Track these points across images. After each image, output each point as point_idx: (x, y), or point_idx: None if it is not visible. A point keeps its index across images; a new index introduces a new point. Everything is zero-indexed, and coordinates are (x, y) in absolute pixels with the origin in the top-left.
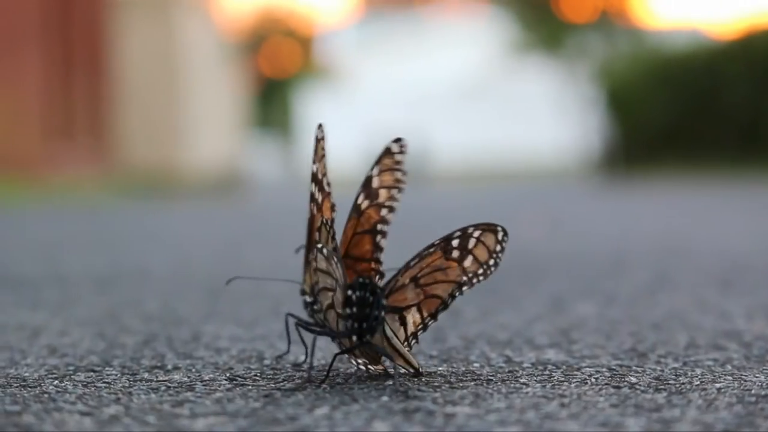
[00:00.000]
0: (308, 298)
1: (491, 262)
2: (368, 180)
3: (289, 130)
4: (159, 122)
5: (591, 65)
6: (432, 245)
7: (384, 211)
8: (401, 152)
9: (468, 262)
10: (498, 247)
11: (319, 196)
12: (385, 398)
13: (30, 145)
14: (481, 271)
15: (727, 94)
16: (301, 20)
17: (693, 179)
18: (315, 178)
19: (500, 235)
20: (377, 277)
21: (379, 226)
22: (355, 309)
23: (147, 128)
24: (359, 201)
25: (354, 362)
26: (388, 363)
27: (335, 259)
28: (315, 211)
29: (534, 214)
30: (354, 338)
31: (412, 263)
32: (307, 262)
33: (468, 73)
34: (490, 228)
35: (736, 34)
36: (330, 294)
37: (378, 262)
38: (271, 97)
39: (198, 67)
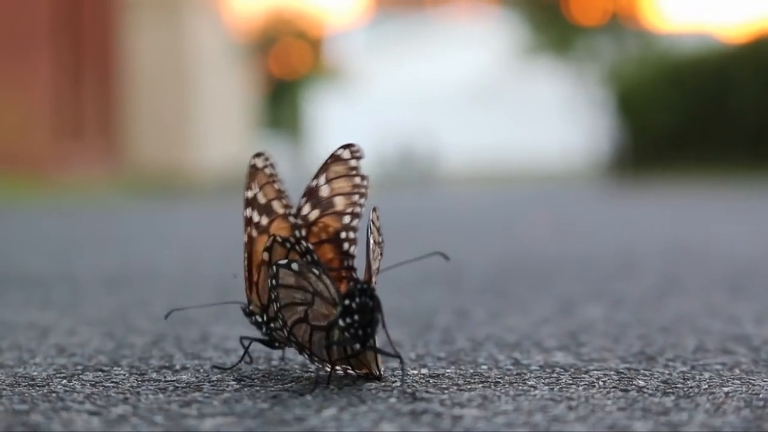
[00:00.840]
0: (258, 318)
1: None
2: (313, 190)
3: (299, 131)
4: (168, 123)
5: (600, 68)
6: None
7: (347, 219)
8: (355, 157)
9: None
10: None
11: (262, 220)
12: (392, 400)
13: (40, 146)
14: None
15: (737, 98)
16: (311, 21)
17: (702, 183)
18: (252, 203)
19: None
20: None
21: (344, 234)
22: (356, 317)
23: (156, 129)
24: (303, 212)
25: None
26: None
27: (316, 271)
28: (255, 234)
29: (542, 216)
30: (357, 346)
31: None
32: (252, 283)
33: (477, 75)
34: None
35: (747, 37)
36: (300, 308)
37: (350, 269)
38: (281, 98)
39: (208, 67)
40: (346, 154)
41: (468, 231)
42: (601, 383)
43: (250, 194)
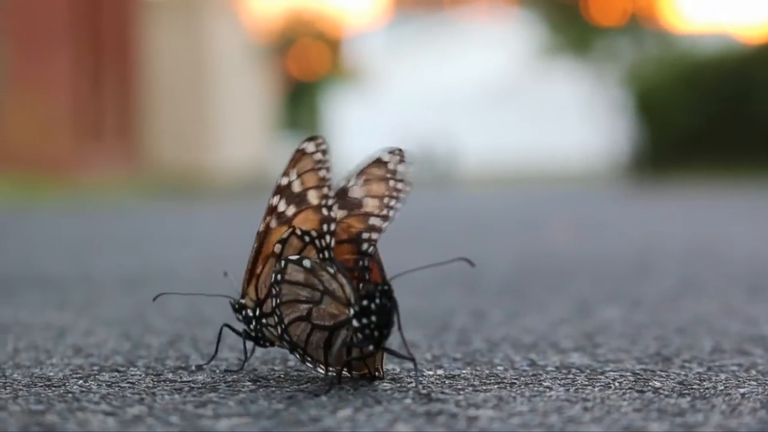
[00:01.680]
0: (250, 312)
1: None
2: (344, 191)
3: (318, 132)
4: (187, 124)
5: (619, 69)
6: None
7: (375, 221)
8: (400, 161)
9: None
10: None
11: (288, 209)
12: (408, 401)
13: (60, 147)
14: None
15: (757, 99)
16: (330, 22)
17: (721, 183)
18: (283, 191)
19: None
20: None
21: (366, 235)
22: (374, 318)
23: (175, 130)
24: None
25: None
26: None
27: (331, 270)
28: (273, 224)
29: (561, 217)
30: (371, 347)
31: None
32: (253, 275)
33: (496, 76)
34: None
35: (766, 38)
36: (304, 306)
37: (364, 269)
38: (300, 99)
39: (226, 69)
40: (387, 157)
41: (486, 232)
42: (617, 384)
43: (284, 181)
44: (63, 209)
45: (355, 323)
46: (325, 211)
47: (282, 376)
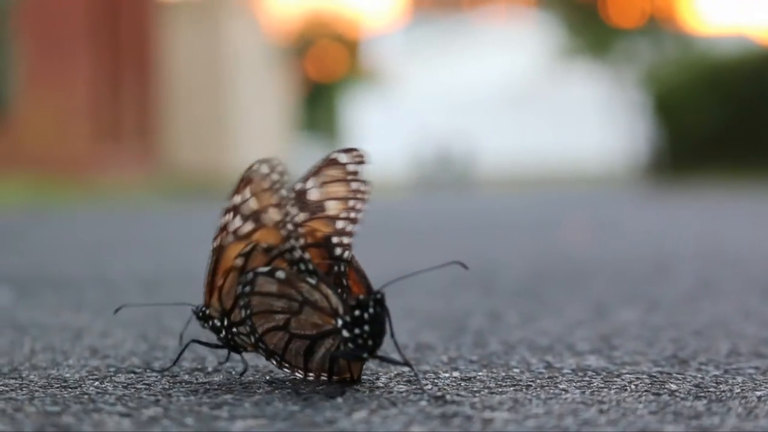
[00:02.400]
0: (217, 322)
1: None
2: (300, 193)
3: (336, 134)
4: (205, 125)
5: (638, 70)
6: None
7: (340, 224)
8: (356, 162)
9: None
10: None
11: (243, 227)
12: (423, 403)
13: (78, 148)
14: None
15: None
16: (349, 24)
17: (740, 185)
18: (236, 210)
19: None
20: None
21: (335, 239)
22: (366, 327)
23: (193, 131)
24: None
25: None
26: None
27: (311, 281)
28: (229, 240)
29: (579, 219)
30: (365, 355)
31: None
32: (214, 288)
33: (515, 78)
34: None
35: None
36: (280, 317)
37: (341, 275)
38: (318, 100)
39: (244, 70)
40: (344, 158)
41: (503, 233)
42: (633, 387)
43: (237, 200)
44: (80, 210)
45: (345, 333)
46: (289, 227)
47: (297, 377)
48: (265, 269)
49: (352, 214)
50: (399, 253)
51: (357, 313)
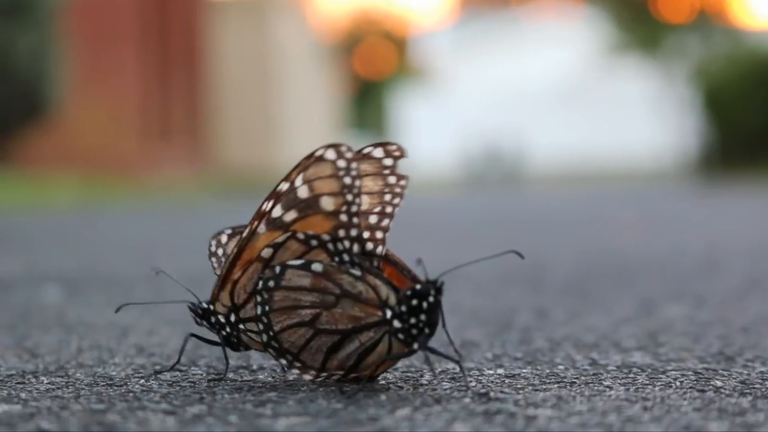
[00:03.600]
0: (222, 318)
1: None
2: (291, 191)
3: (385, 132)
4: (254, 123)
5: (688, 66)
6: None
7: (373, 218)
8: (392, 156)
9: None
10: None
11: (286, 215)
12: (467, 400)
13: (128, 146)
14: None
15: None
16: (397, 21)
17: None
18: (281, 197)
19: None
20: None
21: (366, 233)
22: (423, 317)
23: (242, 129)
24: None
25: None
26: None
27: (357, 273)
28: (262, 229)
29: (628, 215)
30: (415, 345)
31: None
32: (228, 281)
33: (564, 74)
34: None
35: None
36: (306, 312)
37: (378, 269)
38: (366, 98)
39: (293, 68)
40: (378, 152)
41: (553, 230)
42: (678, 383)
43: (284, 187)
44: (130, 208)
45: (396, 324)
46: (344, 217)
47: (305, 379)
48: (298, 262)
49: (387, 209)
50: (448, 248)
51: (414, 302)
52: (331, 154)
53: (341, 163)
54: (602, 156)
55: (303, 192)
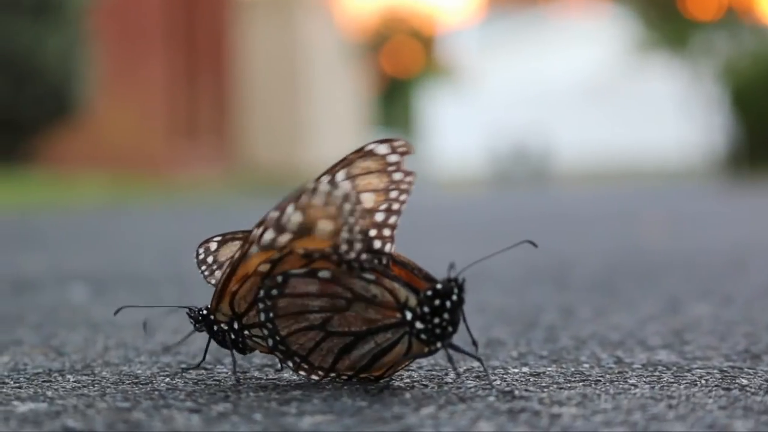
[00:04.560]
0: (225, 326)
1: None
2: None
3: (412, 130)
4: (281, 121)
5: (716, 64)
6: None
7: (379, 216)
8: (397, 152)
9: None
10: None
11: (281, 237)
12: (491, 398)
13: (155, 145)
14: None
15: None
16: (424, 20)
17: None
18: (273, 223)
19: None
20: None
21: (372, 231)
22: (446, 315)
23: (269, 128)
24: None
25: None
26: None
27: (370, 277)
28: (254, 250)
29: (655, 213)
30: (438, 344)
31: None
32: (226, 293)
33: (591, 72)
34: None
35: None
36: (316, 316)
37: (385, 267)
38: (394, 96)
39: (320, 66)
40: (382, 149)
41: (579, 228)
42: (703, 382)
43: (274, 215)
44: (157, 207)
45: (419, 325)
46: (339, 239)
47: (311, 380)
48: (301, 271)
49: (394, 206)
50: (474, 246)
51: (437, 302)
52: (381, 149)
53: (392, 159)
54: (629, 154)
55: (296, 218)
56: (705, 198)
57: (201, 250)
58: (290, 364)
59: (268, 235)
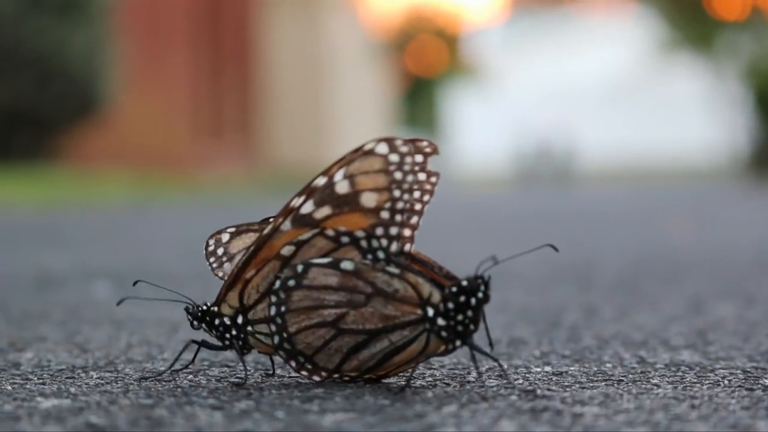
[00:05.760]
0: (227, 321)
1: None
2: (327, 186)
3: (436, 129)
4: (306, 120)
5: (740, 64)
6: None
7: (385, 214)
8: (421, 152)
9: None
10: None
11: (317, 211)
12: (513, 397)
13: (180, 144)
14: None
15: None
16: (449, 19)
17: None
18: (314, 192)
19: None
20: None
21: (380, 230)
22: (470, 312)
23: (294, 126)
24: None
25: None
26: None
27: (394, 270)
28: (286, 227)
29: (679, 213)
30: (458, 343)
31: None
32: (238, 281)
33: (616, 72)
34: None
35: None
36: (330, 312)
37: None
38: (418, 95)
39: (344, 65)
40: (382, 148)
41: (603, 227)
42: (726, 382)
43: (320, 182)
44: (181, 205)
45: (441, 321)
46: (385, 214)
47: (313, 380)
48: (325, 260)
49: (417, 206)
50: (498, 245)
51: (462, 299)
52: (382, 148)
53: (393, 158)
54: (652, 154)
55: (342, 187)
56: (729, 198)
57: (211, 242)
58: (293, 363)
59: (307, 207)
